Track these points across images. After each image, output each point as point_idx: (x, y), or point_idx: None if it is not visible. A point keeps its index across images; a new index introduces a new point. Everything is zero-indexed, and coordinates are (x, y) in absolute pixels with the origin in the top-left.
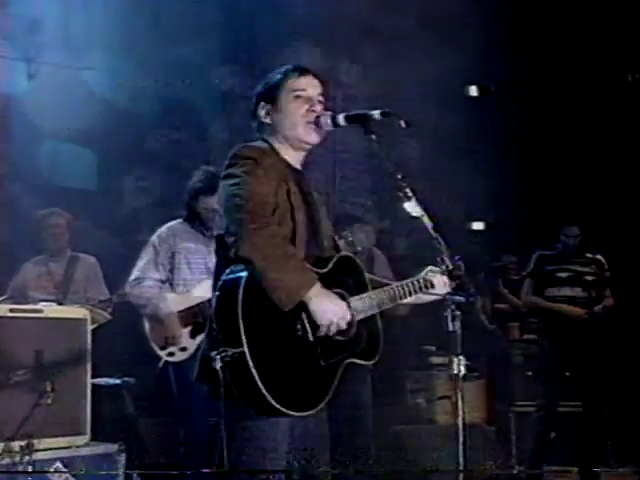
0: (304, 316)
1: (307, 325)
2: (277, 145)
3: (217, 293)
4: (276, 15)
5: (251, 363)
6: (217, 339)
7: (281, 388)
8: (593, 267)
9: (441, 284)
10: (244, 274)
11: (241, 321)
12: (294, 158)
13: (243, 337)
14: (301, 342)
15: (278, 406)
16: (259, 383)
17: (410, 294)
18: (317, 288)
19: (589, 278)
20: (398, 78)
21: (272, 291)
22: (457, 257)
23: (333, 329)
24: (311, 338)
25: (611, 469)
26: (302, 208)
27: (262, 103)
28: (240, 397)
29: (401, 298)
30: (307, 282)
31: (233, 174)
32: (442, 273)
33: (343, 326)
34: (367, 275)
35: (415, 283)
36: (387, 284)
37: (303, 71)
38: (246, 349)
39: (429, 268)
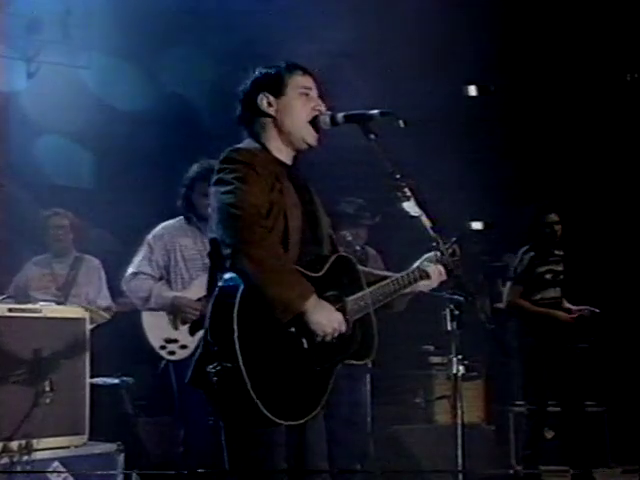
0: (299, 326)
1: (302, 334)
2: (271, 141)
3: (212, 302)
4: (275, 15)
5: (246, 379)
6: (212, 351)
7: (276, 400)
8: (562, 265)
9: (436, 274)
10: (240, 285)
11: (236, 336)
12: (286, 155)
13: (238, 353)
14: (296, 351)
15: (273, 418)
16: (254, 397)
17: (405, 287)
18: (314, 300)
19: (562, 277)
20: (398, 78)
21: (269, 304)
22: (453, 239)
23: (328, 339)
24: (306, 346)
25: (609, 469)
26: (298, 205)
27: (265, 93)
28: (235, 408)
29: (396, 292)
30: (304, 295)
31: (225, 180)
32: (437, 261)
33: (336, 334)
34: (362, 268)
35: (410, 275)
36: (383, 276)
37: (305, 70)
38: (241, 364)
39: (424, 257)
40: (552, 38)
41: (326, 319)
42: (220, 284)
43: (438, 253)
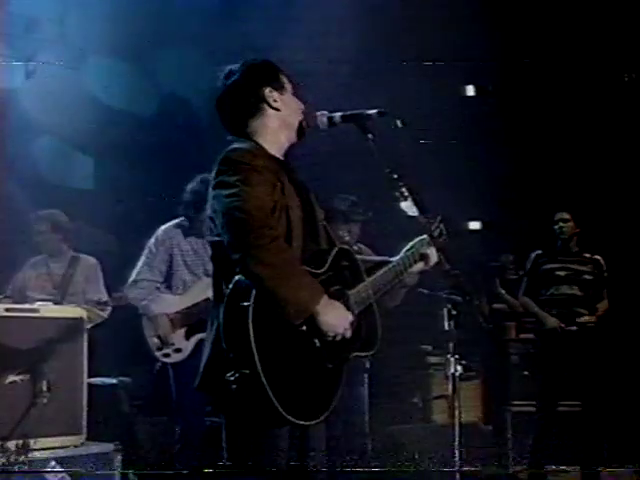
0: (311, 325)
1: (314, 333)
2: (266, 137)
3: (224, 308)
4: (274, 15)
5: (266, 384)
6: (228, 358)
7: (294, 401)
8: (591, 267)
9: (434, 254)
10: (252, 290)
11: (253, 342)
12: (280, 150)
13: (256, 358)
14: (309, 350)
15: (293, 419)
16: (275, 402)
17: (403, 272)
18: (324, 301)
19: (587, 277)
20: (395, 77)
21: (281, 307)
22: (438, 218)
23: (338, 338)
24: (318, 344)
25: (608, 469)
26: (296, 201)
27: (269, 88)
28: (252, 411)
29: (396, 278)
30: (315, 297)
31: (227, 183)
32: (429, 243)
33: (348, 335)
34: (360, 257)
35: (406, 259)
36: (380, 262)
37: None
38: (260, 370)
39: (417, 240)
40: (550, 39)
41: (337, 319)
42: (230, 289)
43: (427, 236)
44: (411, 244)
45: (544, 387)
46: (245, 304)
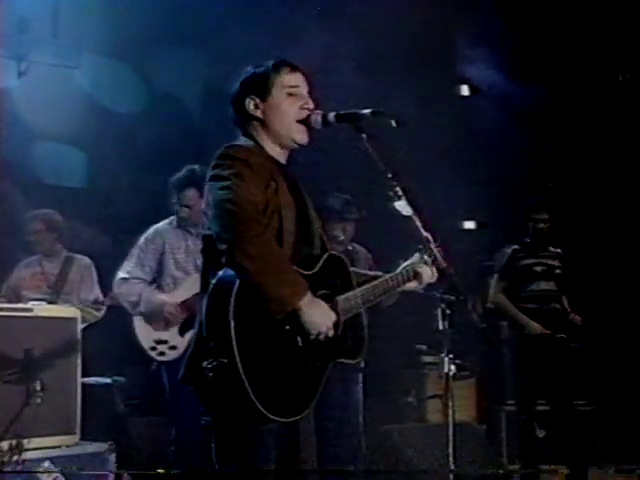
0: (294, 323)
1: (297, 332)
2: (263, 141)
3: (207, 298)
4: (269, 16)
5: (243, 374)
6: (207, 347)
7: (271, 396)
8: (558, 261)
9: (428, 274)
10: (236, 281)
11: (233, 331)
12: (280, 154)
13: (235, 348)
14: (290, 348)
15: (268, 414)
16: (250, 393)
17: (395, 287)
18: (308, 298)
19: (558, 272)
20: (391, 77)
21: (265, 300)
22: (437, 243)
23: (321, 337)
24: (300, 343)
25: (600, 469)
26: (291, 205)
27: (251, 96)
28: (230, 405)
29: (387, 292)
30: (299, 293)
31: (221, 176)
32: (426, 262)
33: (331, 334)
34: (353, 269)
35: (400, 276)
36: (373, 276)
37: (294, 67)
38: (237, 360)
39: (414, 257)
40: (545, 39)
41: (320, 317)
42: (214, 280)
43: (426, 255)
44: (408, 262)
45: (525, 388)
46: (228, 294)
